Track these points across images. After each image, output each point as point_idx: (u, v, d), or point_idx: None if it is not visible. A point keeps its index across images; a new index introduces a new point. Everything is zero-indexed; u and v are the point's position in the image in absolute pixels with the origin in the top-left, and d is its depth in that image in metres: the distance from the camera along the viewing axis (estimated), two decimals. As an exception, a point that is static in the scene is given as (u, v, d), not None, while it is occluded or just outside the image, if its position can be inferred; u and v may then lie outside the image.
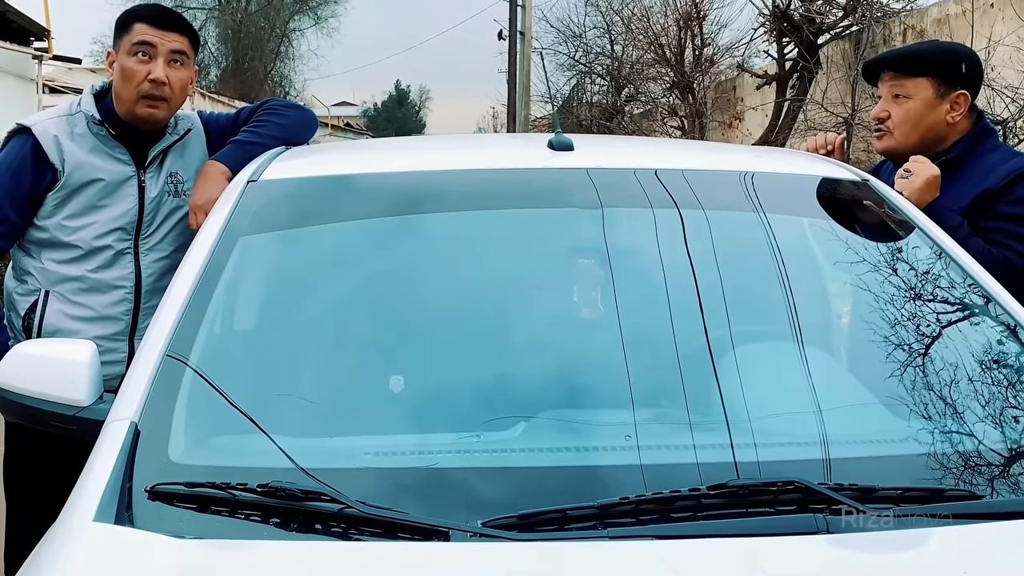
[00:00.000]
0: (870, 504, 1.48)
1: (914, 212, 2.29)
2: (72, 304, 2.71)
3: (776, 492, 1.48)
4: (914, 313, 1.99)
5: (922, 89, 2.77)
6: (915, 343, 1.92)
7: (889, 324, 1.98)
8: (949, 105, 2.76)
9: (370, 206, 2.23)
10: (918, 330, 1.95)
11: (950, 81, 2.76)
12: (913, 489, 1.53)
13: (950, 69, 2.77)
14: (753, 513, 1.46)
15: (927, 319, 1.97)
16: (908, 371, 1.85)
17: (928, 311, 2.00)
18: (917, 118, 2.77)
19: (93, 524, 1.45)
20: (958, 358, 1.87)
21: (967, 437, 1.69)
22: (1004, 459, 1.65)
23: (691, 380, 1.79)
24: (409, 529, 1.43)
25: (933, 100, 2.76)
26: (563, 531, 1.43)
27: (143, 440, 1.61)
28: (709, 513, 1.46)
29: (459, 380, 1.87)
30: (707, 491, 1.47)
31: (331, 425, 1.78)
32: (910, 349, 1.90)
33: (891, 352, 1.91)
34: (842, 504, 1.47)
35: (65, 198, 2.69)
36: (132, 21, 2.73)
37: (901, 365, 1.87)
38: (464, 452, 1.66)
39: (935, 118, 2.77)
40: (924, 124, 2.77)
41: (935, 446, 1.68)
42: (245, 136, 2.78)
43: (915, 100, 2.78)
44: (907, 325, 1.96)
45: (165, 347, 1.78)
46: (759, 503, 1.47)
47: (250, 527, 1.46)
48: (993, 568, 1.45)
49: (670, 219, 2.11)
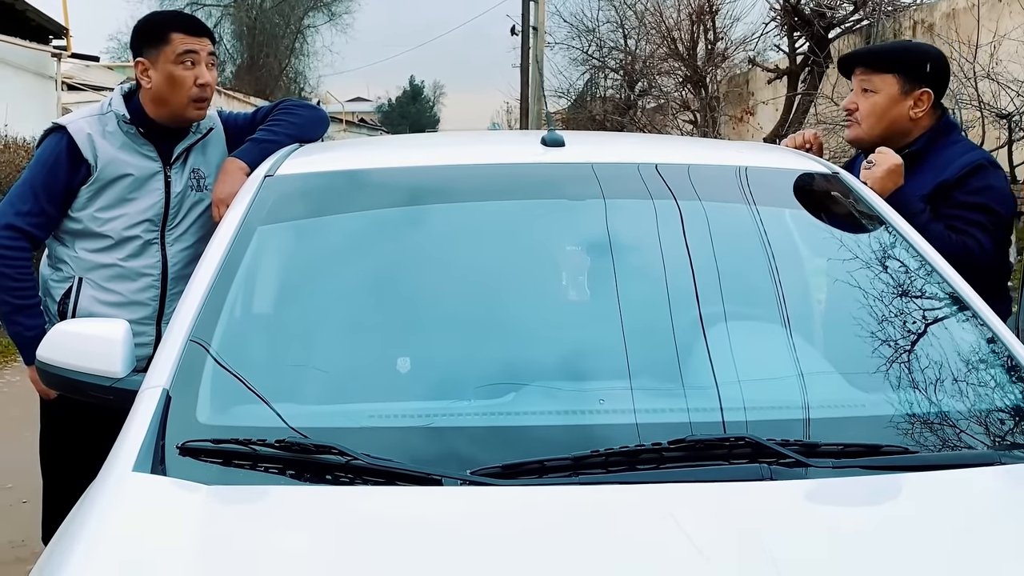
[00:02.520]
0: (814, 458, 1.69)
1: (878, 201, 2.48)
2: (104, 290, 2.93)
3: (730, 446, 1.69)
4: (871, 294, 2.19)
5: (888, 85, 2.95)
6: (870, 319, 2.11)
7: (847, 303, 2.19)
8: (913, 101, 2.94)
9: (377, 198, 2.44)
10: (873, 308, 2.14)
11: (915, 79, 2.94)
12: (853, 445, 1.73)
13: (915, 68, 2.95)
14: (709, 464, 1.67)
15: (883, 299, 2.17)
16: (861, 346, 2.05)
17: (884, 292, 2.19)
18: (882, 111, 2.96)
19: (132, 473, 1.66)
20: (907, 333, 2.07)
21: (905, 402, 1.90)
22: (935, 420, 1.85)
23: (661, 353, 2.00)
24: (406, 477, 1.64)
25: (897, 96, 2.94)
26: (541, 478, 1.64)
27: (174, 405, 1.82)
28: (670, 465, 1.67)
29: (456, 355, 2.08)
30: (668, 445, 1.68)
31: (340, 394, 2.00)
32: (864, 324, 2.10)
33: (846, 326, 2.12)
34: (788, 457, 1.67)
35: (97, 191, 2.91)
36: (167, 31, 2.92)
37: (855, 338, 2.07)
38: (458, 415, 1.87)
39: (898, 112, 2.95)
40: (888, 117, 2.96)
41: (876, 409, 1.89)
42: (262, 134, 2.99)
43: (881, 95, 2.96)
44: (864, 304, 2.16)
45: (191, 326, 1.99)
46: (715, 456, 1.68)
47: (268, 477, 1.67)
48: (915, 510, 1.65)
49: (649, 209, 2.32)
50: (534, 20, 22.85)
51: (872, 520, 1.61)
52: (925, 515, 1.63)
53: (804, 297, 2.26)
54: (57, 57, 16.10)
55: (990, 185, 2.82)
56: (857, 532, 1.55)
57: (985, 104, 8.44)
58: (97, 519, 1.58)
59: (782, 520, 1.56)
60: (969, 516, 1.64)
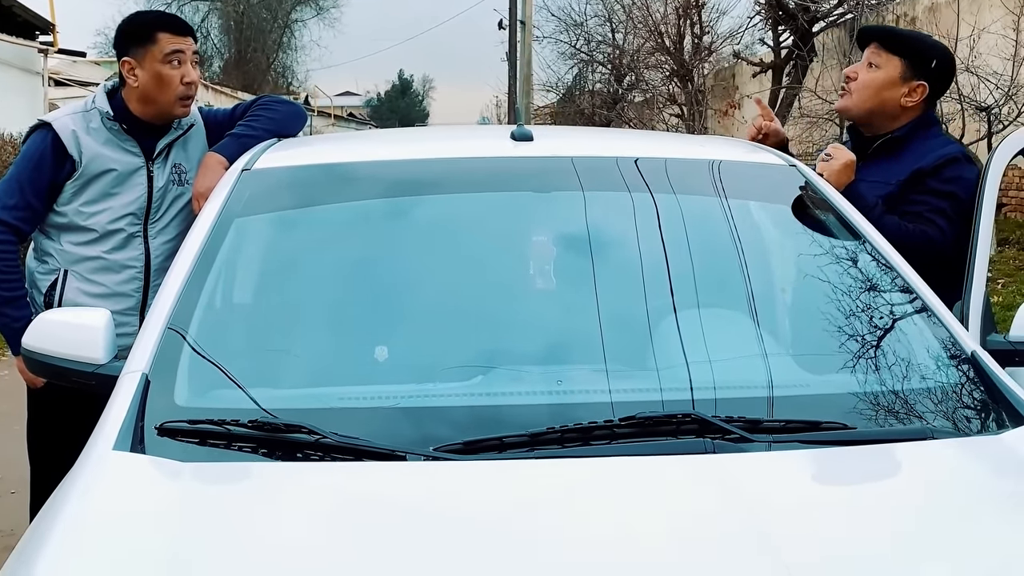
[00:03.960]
0: (756, 433, 1.79)
1: (832, 193, 2.59)
2: (88, 282, 3.01)
3: (677, 423, 1.80)
4: (824, 281, 2.28)
5: (891, 66, 3.02)
6: (821, 305, 2.21)
7: (801, 290, 2.30)
8: (908, 90, 3.02)
9: (349, 191, 2.55)
10: (824, 294, 2.24)
11: (918, 70, 3.02)
12: (794, 421, 1.84)
13: (922, 59, 3.03)
14: (657, 439, 1.77)
15: (832, 288, 2.27)
16: (808, 329, 2.16)
17: (835, 281, 2.29)
18: (876, 88, 3.03)
19: (112, 452, 1.76)
20: (853, 318, 2.17)
21: (849, 381, 2.01)
22: (875, 399, 1.96)
23: (619, 338, 2.11)
24: (372, 454, 1.74)
25: (896, 79, 3.02)
26: (500, 454, 1.74)
27: (153, 388, 1.92)
28: (621, 441, 1.77)
29: (425, 341, 2.18)
30: (619, 422, 1.78)
31: (312, 378, 2.10)
32: (815, 309, 2.21)
33: (798, 311, 2.23)
34: (732, 433, 1.77)
35: (82, 186, 2.99)
36: (154, 31, 3.01)
37: (806, 323, 2.19)
38: (423, 396, 1.97)
39: (890, 95, 3.02)
40: (880, 96, 3.03)
41: (820, 388, 2.01)
42: (241, 129, 3.07)
43: (882, 72, 3.03)
44: (816, 290, 2.26)
45: (170, 314, 2.08)
46: (663, 432, 1.79)
47: (242, 455, 1.77)
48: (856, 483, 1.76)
49: (610, 201, 2.43)
50: (522, 14, 22.89)
51: (804, 491, 1.72)
52: (858, 487, 1.74)
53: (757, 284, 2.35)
54: (44, 53, 16.12)
55: (962, 176, 2.91)
56: (790, 503, 1.65)
57: (965, 97, 8.54)
58: (78, 496, 1.66)
59: (721, 491, 1.66)
60: (900, 487, 1.75)
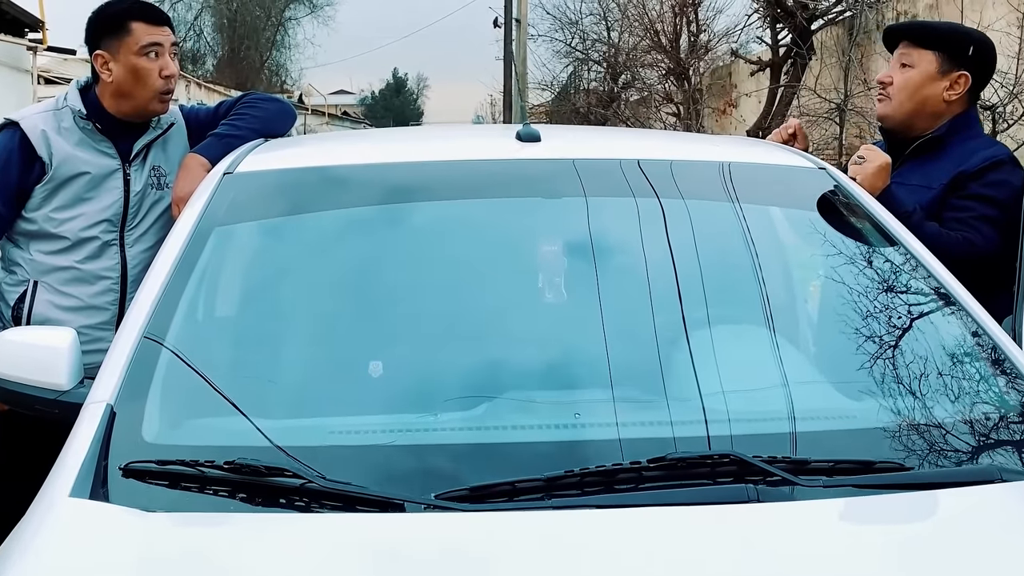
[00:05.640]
0: (802, 476, 1.57)
1: (868, 199, 2.37)
2: (60, 294, 2.79)
3: (713, 464, 1.58)
4: (860, 297, 2.08)
5: (926, 61, 2.83)
6: (859, 324, 2.00)
7: (836, 307, 2.08)
8: (949, 83, 2.82)
9: (341, 197, 2.31)
10: (862, 313, 2.03)
11: (955, 60, 2.82)
12: (844, 461, 1.62)
13: (957, 48, 2.82)
14: (691, 484, 1.55)
15: (872, 303, 2.06)
16: (849, 351, 1.94)
17: (874, 295, 2.08)
18: (915, 88, 2.84)
19: (69, 499, 1.54)
20: (898, 339, 1.96)
21: (898, 413, 1.79)
22: (931, 433, 1.74)
23: (641, 362, 1.89)
24: (366, 502, 1.52)
25: (934, 74, 2.82)
26: (512, 502, 1.52)
27: (118, 421, 1.70)
28: (650, 484, 1.55)
29: (423, 364, 1.96)
30: (647, 464, 1.56)
31: (297, 407, 1.88)
32: (854, 330, 1.99)
33: (835, 332, 2.01)
34: (775, 475, 1.56)
35: (53, 191, 2.77)
36: (128, 21, 2.79)
37: (844, 345, 1.96)
38: (423, 430, 1.76)
39: (931, 92, 2.83)
40: (919, 95, 2.84)
41: (868, 421, 1.77)
42: (224, 129, 2.86)
43: (917, 70, 2.84)
44: (853, 308, 2.05)
45: (140, 334, 1.86)
46: (697, 475, 1.57)
47: (217, 502, 1.55)
48: (915, 535, 1.54)
49: (630, 207, 2.20)
50: (517, 12, 22.69)
51: (866, 547, 1.50)
52: (924, 540, 1.52)
53: (792, 300, 2.15)
54: (33, 50, 15.89)
55: (1008, 180, 2.72)
56: (850, 561, 1.44)
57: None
58: (23, 553, 1.45)
59: (771, 548, 1.45)
60: (971, 540, 1.53)
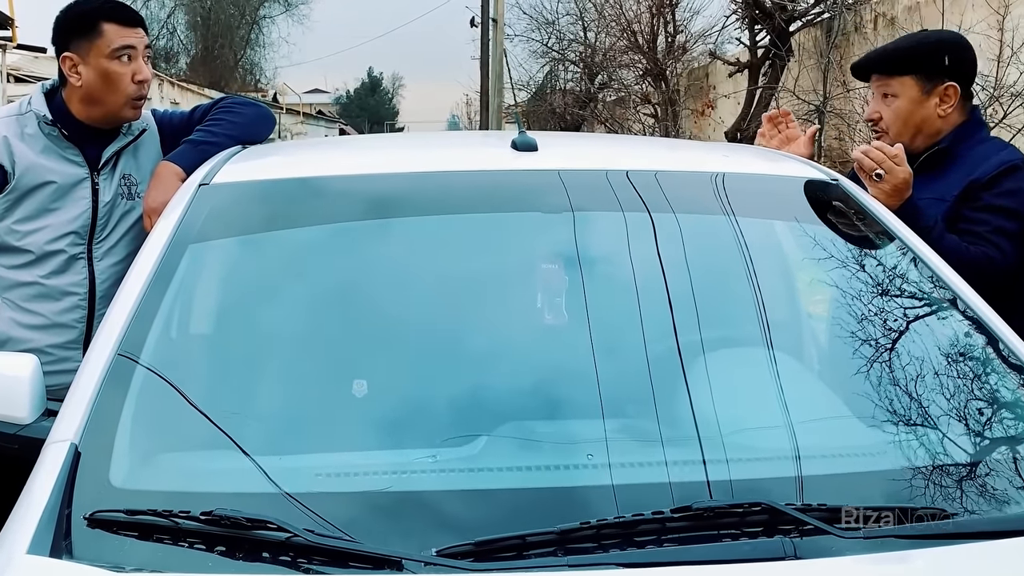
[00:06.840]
0: (840, 526, 1.43)
1: (885, 213, 2.24)
2: (24, 312, 2.62)
3: (742, 514, 1.43)
4: (885, 320, 1.94)
5: (907, 87, 2.75)
6: (887, 352, 1.87)
7: (861, 331, 1.93)
8: (938, 99, 2.73)
9: (326, 211, 2.15)
10: (890, 338, 1.90)
11: (935, 75, 2.72)
12: (886, 508, 1.47)
13: (932, 63, 2.73)
14: (719, 537, 1.41)
15: (899, 326, 1.92)
16: (881, 382, 1.80)
17: (899, 317, 1.95)
18: (906, 116, 2.75)
19: (26, 557, 1.37)
20: (931, 367, 1.82)
21: (943, 452, 1.64)
22: (981, 475, 1.59)
23: (656, 393, 1.73)
24: (360, 559, 1.37)
25: (920, 97, 2.74)
26: (521, 559, 1.37)
27: (83, 463, 1.53)
28: (674, 537, 1.41)
29: (417, 394, 1.80)
30: (671, 514, 1.41)
31: (282, 442, 1.71)
32: (882, 358, 1.85)
33: (863, 361, 1.86)
34: (810, 525, 1.42)
35: (15, 201, 2.60)
36: (98, 21, 2.62)
37: (874, 375, 1.82)
38: (420, 473, 1.60)
39: (925, 114, 2.74)
40: (914, 121, 2.75)
41: (910, 461, 1.62)
42: (200, 135, 2.70)
43: (902, 99, 2.76)
44: (879, 333, 1.91)
45: (109, 363, 1.70)
46: (725, 526, 1.42)
47: (194, 557, 1.39)
48: None
49: (637, 222, 2.05)
50: (493, 12, 22.57)
51: None
52: None
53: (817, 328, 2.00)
54: (2, 48, 15.64)
55: (1021, 188, 2.60)
56: None
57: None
58: None
59: None
60: None
